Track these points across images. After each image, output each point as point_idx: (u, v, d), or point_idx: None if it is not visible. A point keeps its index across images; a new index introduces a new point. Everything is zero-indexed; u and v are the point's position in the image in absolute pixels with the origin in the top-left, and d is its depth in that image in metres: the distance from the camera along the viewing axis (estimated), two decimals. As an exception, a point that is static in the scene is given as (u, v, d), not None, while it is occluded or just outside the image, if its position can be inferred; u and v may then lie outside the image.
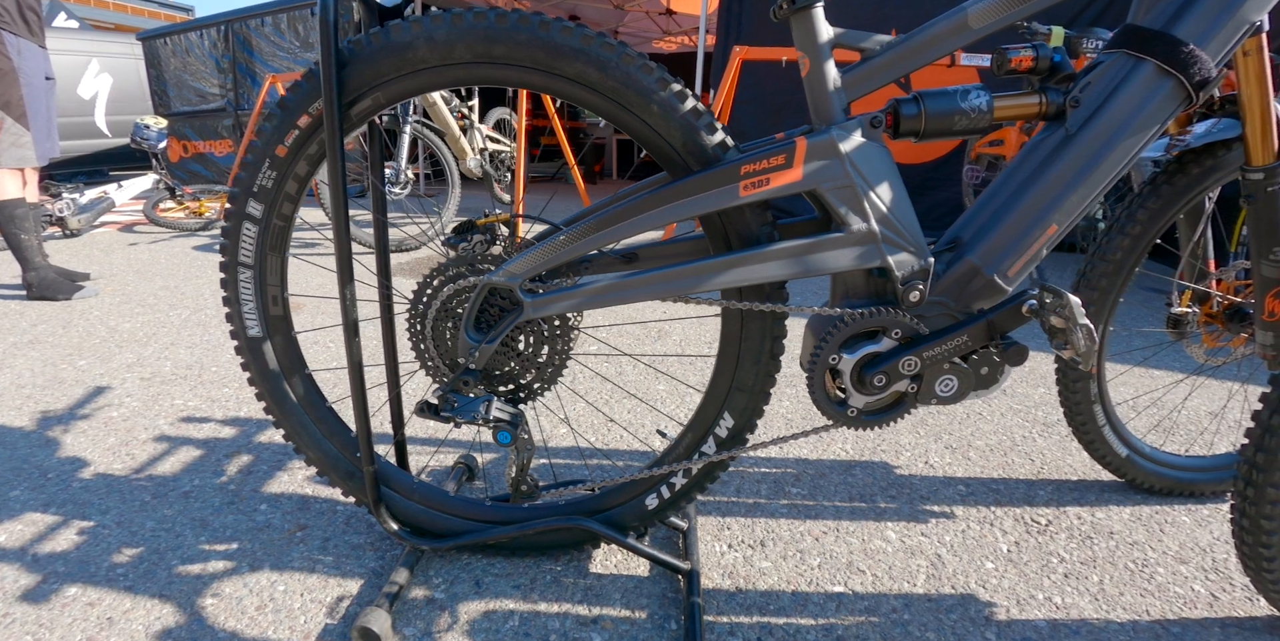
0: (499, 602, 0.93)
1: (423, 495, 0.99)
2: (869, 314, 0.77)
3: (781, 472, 1.24)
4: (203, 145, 4.55)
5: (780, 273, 0.75)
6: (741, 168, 0.72)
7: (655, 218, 0.74)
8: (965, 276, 0.79)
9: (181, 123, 4.56)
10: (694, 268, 0.75)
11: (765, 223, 0.77)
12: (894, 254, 0.76)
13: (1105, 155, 0.76)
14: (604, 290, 0.76)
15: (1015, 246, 0.78)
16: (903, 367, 0.78)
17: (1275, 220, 0.99)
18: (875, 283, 0.79)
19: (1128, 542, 1.10)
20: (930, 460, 1.31)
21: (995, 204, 0.80)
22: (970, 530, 1.10)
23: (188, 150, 4.63)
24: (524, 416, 0.87)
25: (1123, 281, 1.07)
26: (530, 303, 0.78)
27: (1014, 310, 0.77)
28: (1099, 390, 1.14)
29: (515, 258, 0.77)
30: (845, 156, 0.72)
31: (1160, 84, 0.75)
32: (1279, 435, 0.79)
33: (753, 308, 0.78)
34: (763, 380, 0.84)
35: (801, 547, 1.04)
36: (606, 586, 0.95)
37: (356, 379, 0.88)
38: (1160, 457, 1.21)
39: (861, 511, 1.14)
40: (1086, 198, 0.78)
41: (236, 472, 1.24)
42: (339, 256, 0.84)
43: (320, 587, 0.95)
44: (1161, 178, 1.04)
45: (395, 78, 0.78)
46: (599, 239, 0.75)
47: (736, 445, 0.88)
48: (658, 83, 0.73)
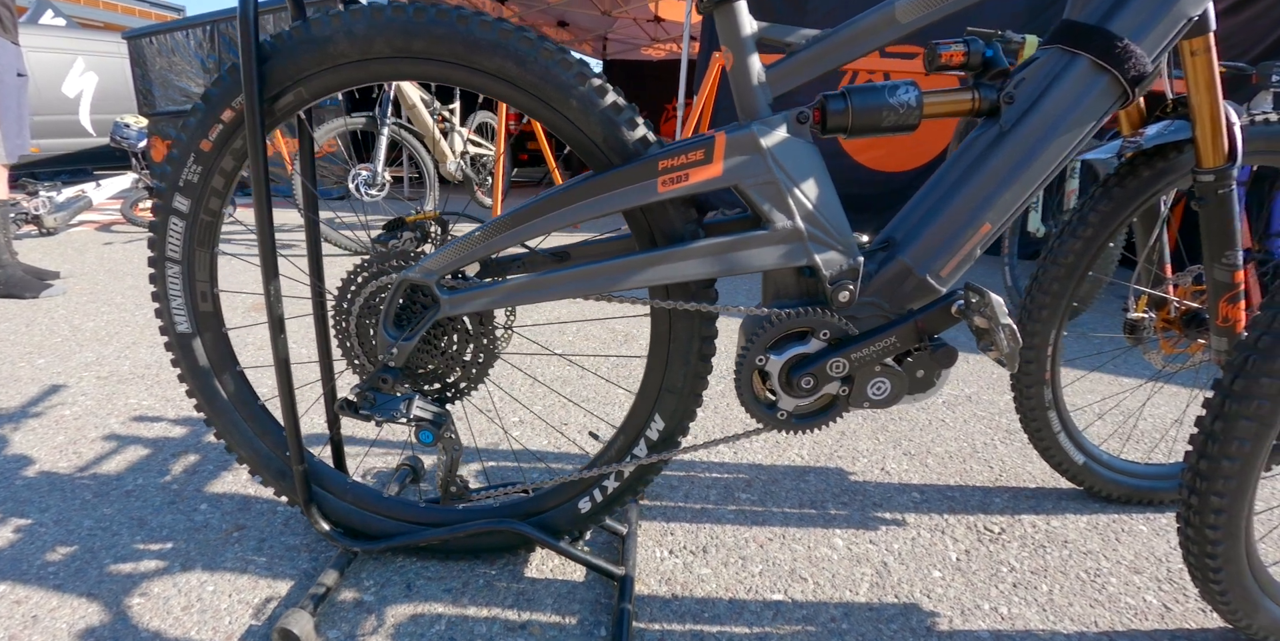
0: (428, 606, 0.91)
1: (356, 496, 0.98)
2: (795, 314, 0.76)
3: (733, 478, 1.23)
4: None
5: (702, 271, 0.74)
6: (659, 163, 0.71)
7: (572, 213, 0.73)
8: (898, 277, 0.78)
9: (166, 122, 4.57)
10: (613, 265, 0.74)
11: (689, 220, 0.76)
12: (821, 252, 0.74)
13: (1039, 152, 0.75)
14: (521, 287, 0.75)
15: (948, 246, 0.77)
16: (831, 369, 0.77)
17: (1227, 223, 0.98)
18: (806, 282, 0.78)
19: (1081, 552, 1.08)
20: (887, 466, 1.29)
21: (928, 203, 0.79)
22: (920, 538, 1.09)
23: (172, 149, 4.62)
24: (450, 416, 0.85)
25: (1075, 285, 1.06)
26: (447, 299, 0.77)
27: (943, 310, 0.75)
28: (1053, 396, 1.13)
29: (431, 254, 0.76)
30: (767, 152, 0.71)
31: (1095, 80, 0.74)
32: (1222, 441, 0.78)
33: (677, 307, 0.77)
34: (692, 382, 0.83)
35: (744, 554, 1.03)
36: (539, 591, 0.94)
37: (283, 376, 0.87)
38: (1119, 465, 1.19)
39: (811, 518, 1.12)
40: (1021, 196, 0.77)
41: (181, 472, 1.23)
42: (263, 252, 0.83)
43: (250, 588, 0.94)
44: (1113, 180, 1.03)
45: (316, 72, 0.77)
46: (515, 234, 0.74)
47: (668, 448, 0.87)
48: (576, 77, 0.72)
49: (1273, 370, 0.73)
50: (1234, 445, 0.77)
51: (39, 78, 3.99)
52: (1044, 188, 1.01)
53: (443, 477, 0.91)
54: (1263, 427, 0.75)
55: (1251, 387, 0.74)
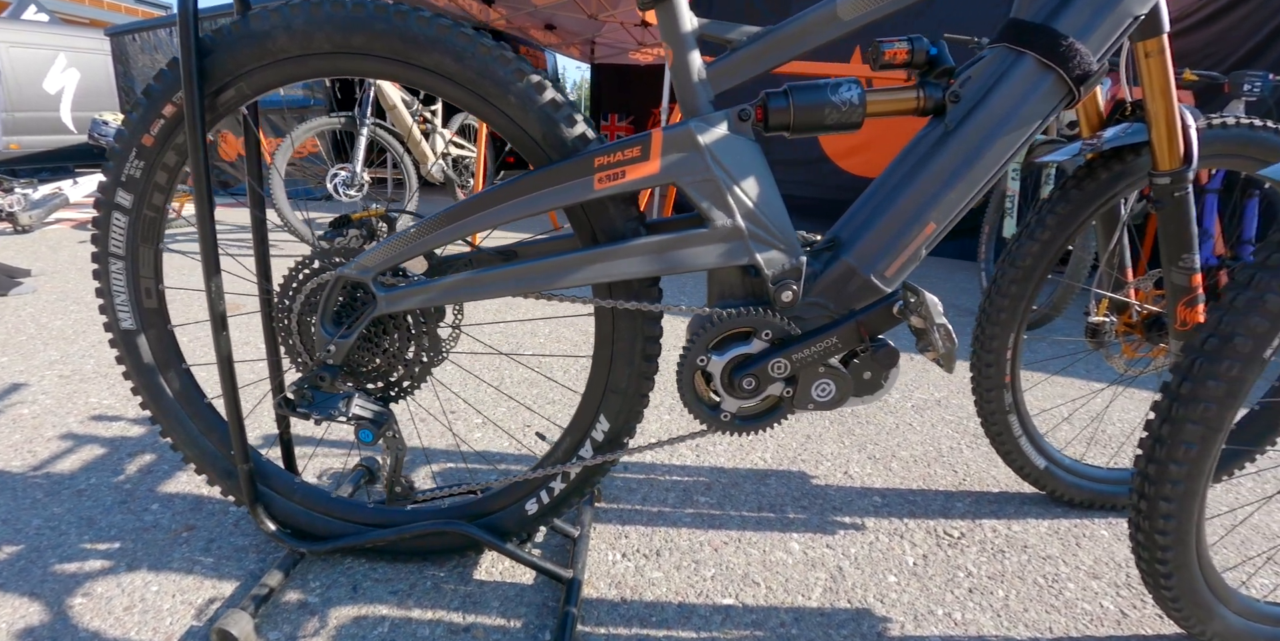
0: (372, 608, 0.90)
1: (304, 496, 0.97)
2: (737, 314, 0.75)
3: (693, 481, 1.22)
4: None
5: (642, 269, 0.74)
6: (595, 159, 0.70)
7: (509, 210, 0.72)
8: (842, 277, 0.78)
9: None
10: (551, 263, 0.73)
11: (630, 218, 0.76)
12: (763, 251, 0.74)
13: (984, 151, 0.75)
14: (458, 285, 0.75)
15: (892, 246, 0.77)
16: (773, 370, 0.76)
17: (1183, 226, 0.98)
18: (751, 282, 0.78)
19: (1041, 556, 1.08)
20: (850, 470, 1.29)
21: (873, 202, 0.79)
22: (878, 542, 1.08)
23: None
24: (392, 415, 0.85)
25: (1033, 288, 1.06)
26: (384, 297, 0.76)
27: (884, 311, 0.75)
28: (1014, 400, 1.13)
29: (367, 251, 0.76)
30: (706, 149, 0.71)
31: (1041, 78, 0.74)
32: (1169, 445, 0.78)
33: (619, 306, 0.77)
34: (637, 382, 0.83)
35: (698, 558, 1.02)
36: (487, 594, 0.93)
37: (226, 373, 0.87)
38: (1081, 469, 1.19)
39: (769, 522, 1.12)
40: (966, 195, 0.76)
41: (136, 471, 1.22)
42: (204, 248, 0.82)
43: (194, 589, 0.93)
44: (1070, 183, 1.03)
45: (257, 67, 0.77)
46: (451, 231, 0.73)
47: (614, 449, 0.86)
48: (514, 73, 0.72)
49: (1218, 373, 0.73)
50: (1181, 450, 0.76)
51: (20, 74, 3.97)
52: (1016, 193, 1.01)
53: (387, 478, 0.90)
54: (1209, 432, 0.75)
55: (1198, 391, 0.74)
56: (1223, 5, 2.59)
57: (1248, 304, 0.71)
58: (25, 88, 4.00)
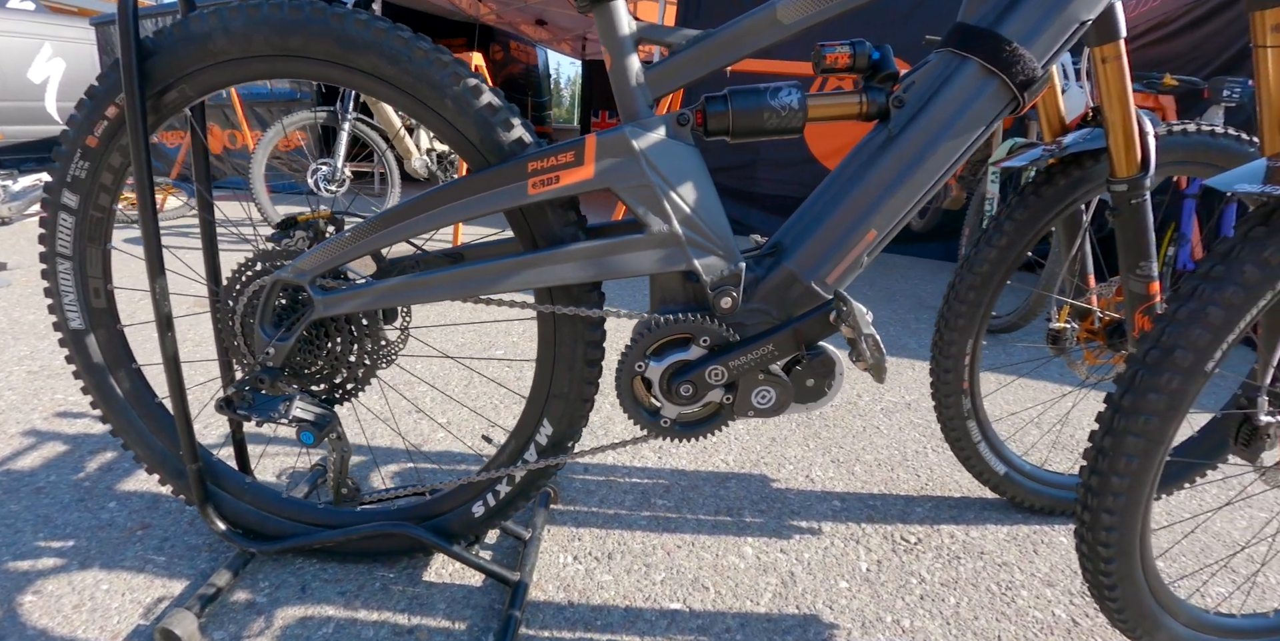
0: (319, 609, 0.91)
1: (254, 496, 0.98)
2: (674, 320, 0.76)
3: (652, 483, 1.23)
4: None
5: (579, 274, 0.74)
6: (529, 164, 0.71)
7: (445, 214, 0.73)
8: (784, 283, 0.78)
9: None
10: (489, 268, 0.74)
11: (569, 222, 0.76)
12: (701, 258, 0.74)
13: (926, 158, 0.75)
14: (396, 289, 0.75)
15: (833, 252, 0.77)
16: (710, 377, 0.77)
17: (1141, 233, 0.98)
18: (691, 288, 0.78)
19: (997, 563, 1.08)
20: (812, 474, 1.29)
21: (816, 208, 0.79)
22: (833, 547, 1.09)
23: None
24: (336, 417, 0.85)
25: (991, 294, 1.06)
26: (321, 300, 0.77)
27: (821, 318, 0.76)
28: (973, 405, 1.13)
29: (304, 254, 0.76)
30: (641, 154, 0.71)
31: (984, 84, 0.74)
32: (1110, 457, 0.78)
33: (556, 311, 0.77)
34: (579, 387, 0.83)
35: (650, 561, 1.03)
36: (434, 596, 0.94)
37: (173, 374, 0.87)
38: (1041, 475, 1.20)
39: (725, 525, 1.12)
40: (908, 202, 0.76)
41: (96, 469, 1.22)
42: (148, 249, 0.83)
43: (145, 588, 0.94)
44: (1029, 189, 1.03)
45: (198, 69, 0.77)
46: (388, 235, 0.74)
47: (559, 453, 0.87)
48: (451, 77, 0.72)
49: (1159, 386, 0.73)
50: (1122, 462, 0.77)
51: (4, 63, 3.95)
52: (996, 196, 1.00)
53: (333, 479, 0.91)
54: (1150, 445, 0.75)
55: (1139, 404, 0.74)
56: (1206, 11, 2.58)
57: (1190, 316, 0.71)
58: (9, 77, 3.98)
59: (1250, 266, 0.69)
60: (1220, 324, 0.70)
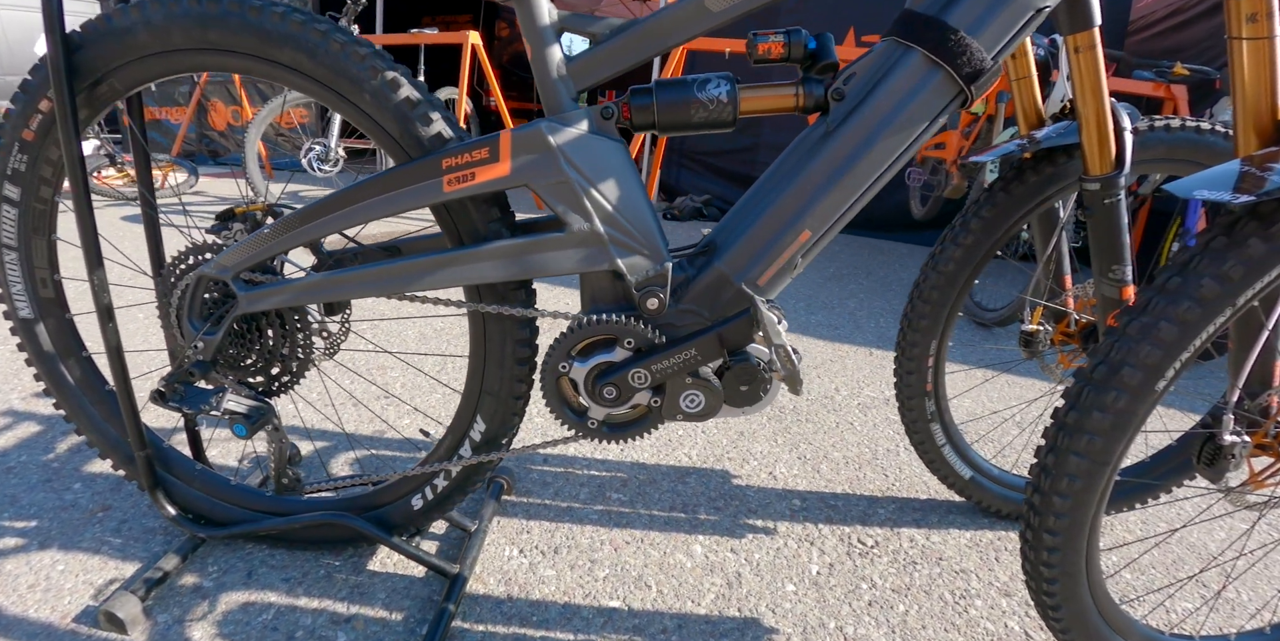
0: (262, 594, 0.93)
1: (204, 482, 1.00)
2: (596, 321, 0.75)
3: (610, 477, 1.23)
4: (160, 112, 4.61)
5: (500, 273, 0.73)
6: (443, 161, 0.70)
7: (363, 211, 0.72)
8: (714, 284, 0.76)
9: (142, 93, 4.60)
10: (410, 265, 0.73)
11: (493, 219, 0.75)
12: (625, 257, 0.73)
13: (864, 154, 0.72)
14: (317, 285, 0.75)
15: (764, 254, 0.75)
16: (634, 380, 0.76)
17: (1114, 235, 0.94)
18: (620, 288, 0.77)
19: (954, 570, 1.07)
20: (776, 471, 1.28)
21: (751, 205, 0.77)
22: (785, 548, 1.08)
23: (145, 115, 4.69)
24: (272, 410, 0.86)
25: (957, 295, 1.03)
26: (244, 296, 0.77)
27: (744, 323, 0.74)
28: (937, 408, 1.11)
29: (226, 250, 0.76)
30: (558, 150, 0.69)
31: (928, 75, 0.71)
32: (1054, 476, 0.75)
33: (481, 310, 0.76)
34: (510, 385, 0.83)
35: (595, 557, 1.03)
36: (375, 585, 0.96)
37: (116, 363, 0.89)
38: (1010, 480, 1.17)
39: (677, 522, 1.12)
40: (843, 202, 0.74)
41: (65, 450, 1.26)
42: (84, 239, 0.83)
43: (98, 569, 0.97)
44: (998, 185, 0.99)
45: (124, 64, 0.77)
46: (306, 232, 0.74)
47: (492, 450, 0.87)
48: (369, 70, 0.71)
49: (1105, 405, 0.70)
50: (1064, 481, 0.74)
51: (11, 37, 3.98)
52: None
53: (274, 470, 0.92)
54: (1095, 466, 0.73)
55: (1084, 422, 0.72)
56: (1218, 1, 2.46)
57: (1141, 331, 0.68)
58: (16, 51, 4.01)
59: (1209, 280, 0.65)
60: (1173, 341, 0.67)
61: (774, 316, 0.68)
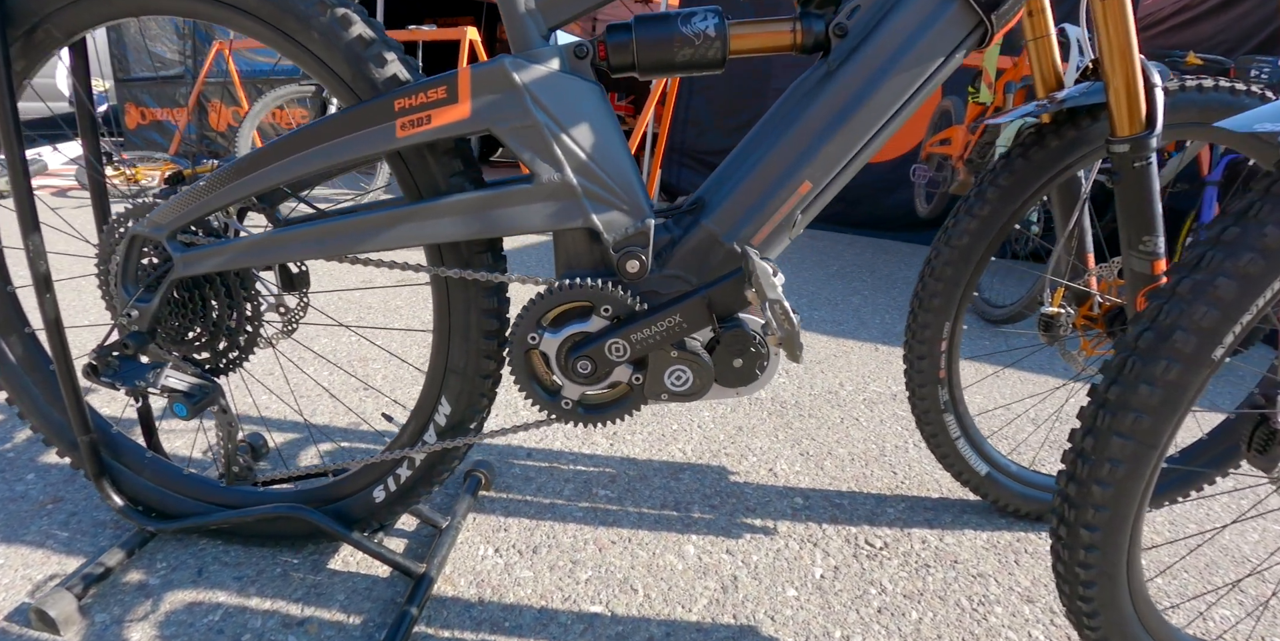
0: (211, 594, 0.84)
1: (155, 471, 0.91)
2: (569, 286, 0.66)
3: (598, 472, 1.13)
4: (160, 112, 4.58)
5: (460, 230, 0.64)
6: (396, 102, 0.61)
7: (308, 160, 0.64)
8: (703, 244, 0.67)
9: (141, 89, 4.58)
10: (359, 221, 0.65)
11: (455, 172, 0.67)
12: (601, 212, 0.64)
13: (870, 95, 0.63)
14: (258, 245, 0.67)
15: (759, 208, 0.66)
16: (610, 352, 0.67)
17: (1145, 203, 0.85)
18: (598, 250, 0.68)
19: (971, 574, 0.96)
20: (777, 467, 1.18)
21: (744, 156, 0.68)
22: (786, 550, 0.98)
23: (145, 117, 4.66)
24: (218, 389, 0.78)
25: (973, 271, 0.94)
26: (180, 258, 0.69)
27: (733, 284, 0.65)
28: (950, 397, 1.01)
29: (160, 207, 0.68)
30: (524, 89, 0.61)
31: (941, 5, 0.62)
32: (1094, 463, 0.66)
33: (442, 274, 0.68)
34: (475, 362, 0.74)
35: (578, 558, 0.93)
36: (335, 585, 0.86)
37: (55, 338, 0.80)
38: (1029, 477, 1.07)
39: (668, 521, 1.02)
40: (848, 149, 0.65)
41: (24, 440, 1.18)
42: (19, 203, 0.75)
43: (40, 563, 0.88)
44: (1016, 151, 0.90)
45: (61, 7, 0.70)
46: (245, 185, 0.65)
47: (459, 435, 0.78)
48: (316, 6, 0.63)
49: (1154, 376, 0.60)
50: (1105, 468, 0.64)
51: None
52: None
53: (223, 457, 0.83)
54: (1141, 448, 0.63)
55: (1128, 398, 0.62)
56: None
57: (1194, 290, 0.59)
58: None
59: (1273, 229, 0.56)
60: (1232, 300, 0.57)
61: (768, 267, 0.59)
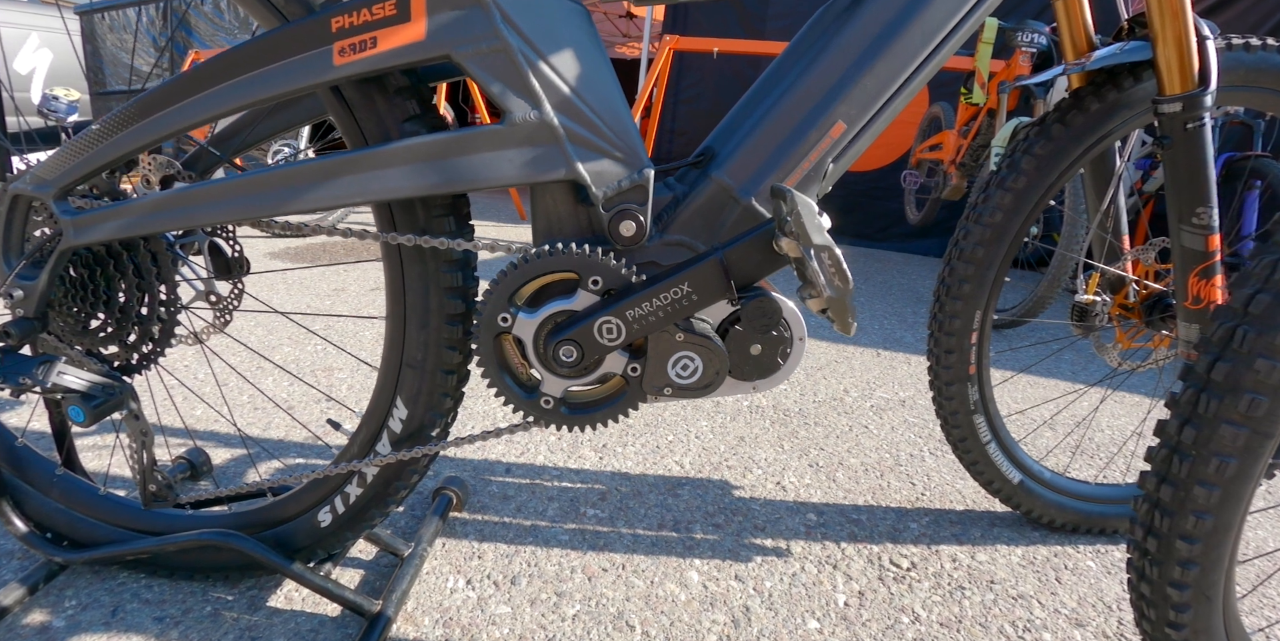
0: (125, 639, 0.67)
1: (64, 491, 0.75)
2: (549, 252, 0.51)
3: (586, 489, 0.98)
4: None
5: (410, 184, 0.50)
6: (333, 20, 0.47)
7: (224, 96, 0.49)
8: (715, 203, 0.54)
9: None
10: (286, 173, 0.50)
11: (409, 116, 0.52)
12: (589, 160, 0.50)
13: (916, 12, 0.50)
14: (163, 204, 0.52)
15: (783, 155, 0.52)
16: (601, 335, 0.52)
17: (1198, 170, 0.73)
18: (585, 212, 0.54)
19: (1011, 596, 0.82)
20: (785, 480, 1.03)
21: (758, 99, 0.55)
22: (804, 574, 0.83)
23: None
24: (129, 391, 0.62)
25: (1006, 252, 0.81)
26: (70, 222, 0.54)
27: (758, 241, 0.51)
28: (981, 396, 0.87)
29: (45, 159, 0.53)
30: (492, 4, 0.47)
31: None
32: (1195, 459, 0.52)
33: (394, 241, 0.53)
34: (436, 354, 0.59)
35: (563, 589, 0.77)
36: (275, 627, 0.70)
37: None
38: (1064, 485, 0.93)
39: (668, 543, 0.87)
40: (892, 79, 0.52)
41: (-67, 460, 1.00)
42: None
43: (-78, 609, 0.71)
44: (1053, 116, 0.78)
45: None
46: (148, 129, 0.51)
47: (418, 443, 0.62)
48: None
49: (1274, 348, 0.47)
50: (1213, 465, 0.51)
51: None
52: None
53: (138, 472, 0.67)
54: (1257, 437, 0.49)
55: (1241, 376, 0.49)
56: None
57: None
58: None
59: None
60: None
61: (813, 204, 0.45)
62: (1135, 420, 1.38)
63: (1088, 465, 1.17)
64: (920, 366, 1.60)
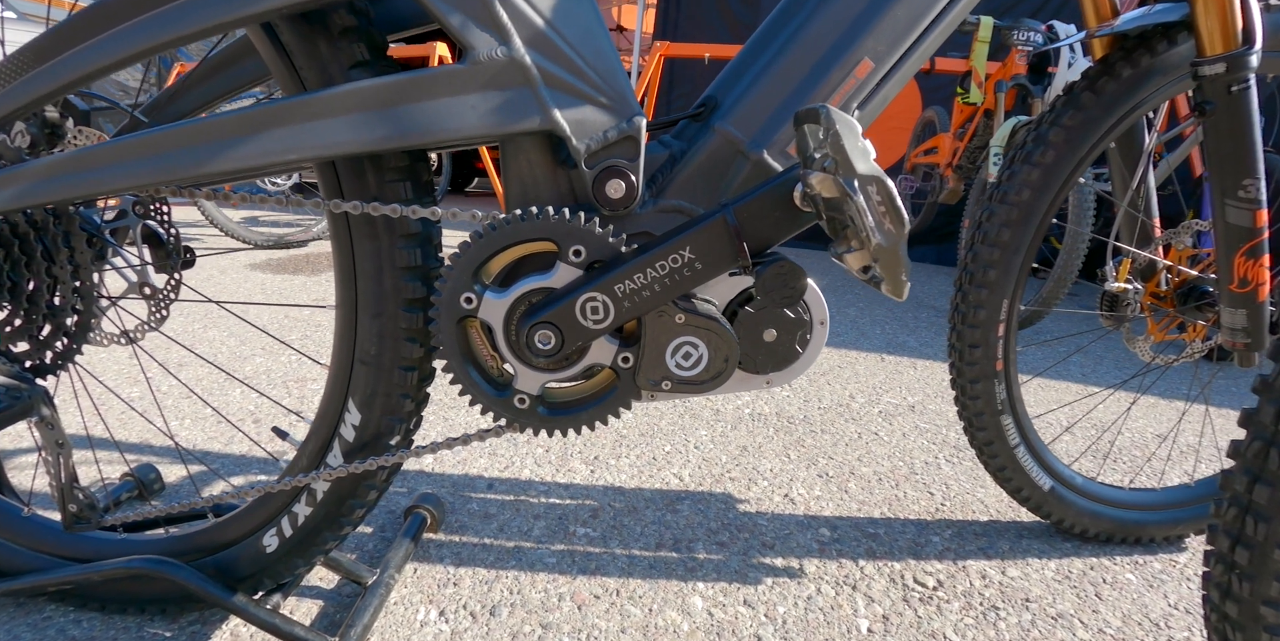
0: (36, 691, 0.56)
1: (-22, 517, 0.64)
2: (522, 217, 0.42)
3: (576, 505, 0.87)
4: None
5: (356, 137, 0.41)
6: (253, -64, 0.38)
7: (134, 35, 0.40)
8: (719, 158, 0.45)
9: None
10: (206, 126, 0.41)
11: (357, 62, 0.43)
12: (568, 107, 0.41)
13: None
14: (60, 168, 0.43)
15: (799, 99, 0.44)
16: (585, 315, 0.43)
17: (1243, 137, 0.65)
18: (567, 175, 0.45)
19: (1050, 615, 0.72)
20: (794, 492, 0.93)
21: (768, 40, 0.46)
22: (820, 597, 0.72)
23: None
24: (41, 395, 0.52)
25: (1035, 234, 0.72)
26: (-56, 189, 0.44)
27: (772, 195, 0.42)
28: (1008, 395, 0.78)
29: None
30: None
31: None
32: None
33: (336, 208, 0.44)
34: (392, 347, 0.49)
35: (550, 620, 0.67)
36: (214, 672, 0.58)
37: None
38: (1098, 491, 0.84)
39: (667, 565, 0.76)
40: (920, 16, 0.43)
41: None
42: None
43: None
44: (1081, 84, 0.70)
45: None
46: (46, 75, 0.41)
47: (373, 453, 0.52)
48: None
49: None
50: None
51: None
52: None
53: (55, 489, 0.57)
54: None
55: None
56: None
57: None
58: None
59: None
60: None
61: (855, 124, 0.35)
62: (1155, 421, 1.29)
63: (1111, 469, 1.07)
64: (926, 371, 1.50)
